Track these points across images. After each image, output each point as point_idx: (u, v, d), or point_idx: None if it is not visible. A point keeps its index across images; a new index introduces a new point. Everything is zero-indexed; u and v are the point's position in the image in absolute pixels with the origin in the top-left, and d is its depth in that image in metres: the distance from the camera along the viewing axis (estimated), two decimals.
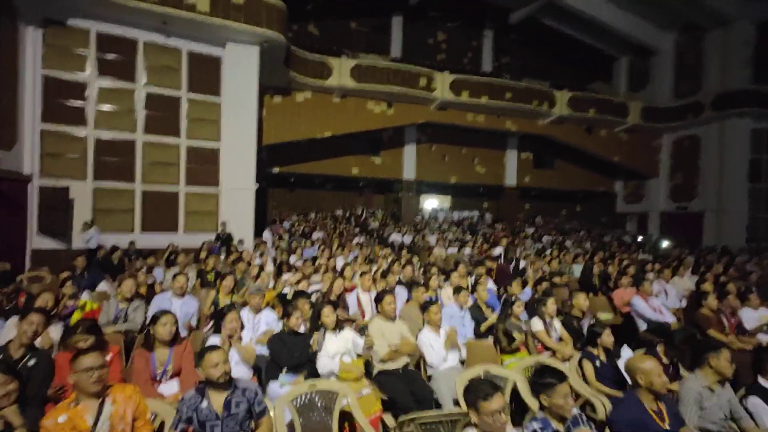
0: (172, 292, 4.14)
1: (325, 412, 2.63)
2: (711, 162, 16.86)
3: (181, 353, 2.81)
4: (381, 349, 3.28)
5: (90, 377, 1.98)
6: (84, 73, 9.79)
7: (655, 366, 2.17)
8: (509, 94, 15.95)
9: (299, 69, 13.36)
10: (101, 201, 10.02)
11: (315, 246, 10.15)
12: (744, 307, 4.74)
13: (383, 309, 3.44)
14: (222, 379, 2.15)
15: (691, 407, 2.40)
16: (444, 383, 3.11)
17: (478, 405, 1.76)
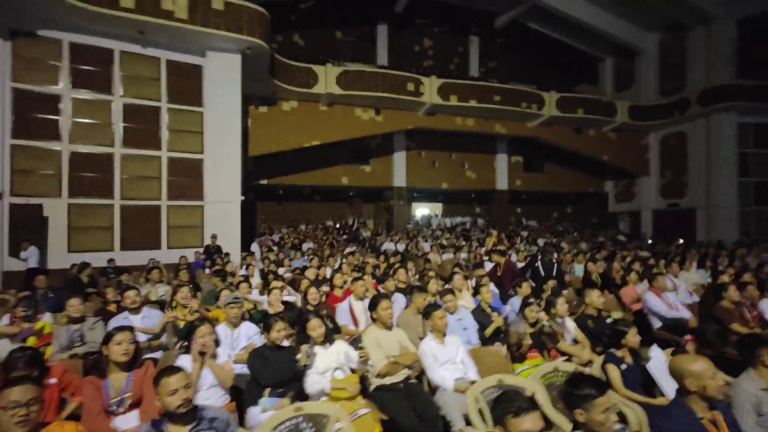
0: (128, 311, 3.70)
1: None
2: (699, 158, 16.90)
3: (142, 378, 2.37)
4: (378, 361, 2.88)
5: (13, 415, 1.57)
6: (57, 85, 9.37)
7: (708, 367, 1.81)
8: (497, 97, 15.83)
9: (284, 78, 13.07)
10: (77, 218, 9.52)
11: (304, 257, 9.72)
12: (763, 298, 4.46)
13: (379, 316, 3.04)
14: (182, 408, 1.74)
15: (747, 412, 2.05)
16: (452, 398, 2.71)
17: (505, 421, 1.39)
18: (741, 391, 2.11)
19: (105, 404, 2.22)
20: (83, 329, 3.35)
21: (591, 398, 1.62)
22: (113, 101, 9.91)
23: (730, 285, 4.10)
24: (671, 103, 17.51)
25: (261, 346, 2.77)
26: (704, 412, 1.80)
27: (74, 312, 3.38)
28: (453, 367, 2.97)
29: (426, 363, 2.96)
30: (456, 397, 2.73)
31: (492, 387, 2.55)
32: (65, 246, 9.36)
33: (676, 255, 8.34)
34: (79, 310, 3.43)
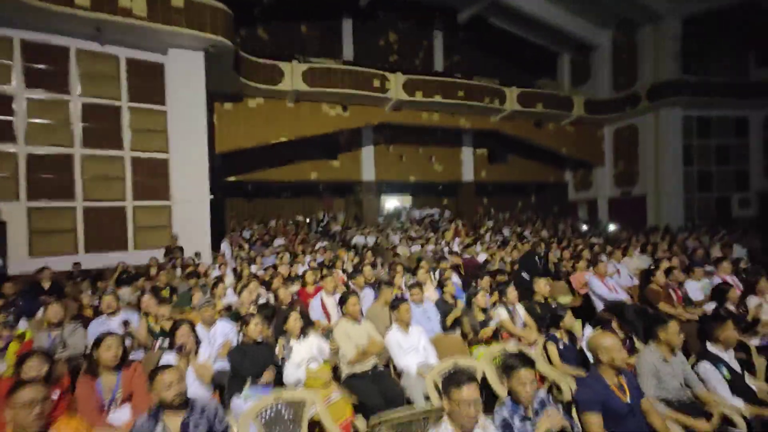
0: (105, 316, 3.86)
1: (293, 424, 2.53)
2: (648, 149, 18.01)
3: (131, 377, 2.59)
4: (348, 351, 3.20)
5: (30, 413, 1.78)
6: (9, 84, 9.01)
7: (615, 342, 2.24)
8: (461, 92, 16.29)
9: (250, 75, 12.99)
10: (38, 222, 9.24)
11: (274, 255, 9.87)
12: (688, 279, 5.08)
13: (348, 310, 3.36)
14: (177, 400, 2.00)
15: (648, 379, 2.51)
16: (415, 380, 3.07)
17: (450, 392, 1.74)
18: (644, 361, 2.57)
19: (99, 401, 2.43)
20: (64, 334, 3.47)
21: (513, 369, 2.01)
22: (71, 101, 9.61)
23: (657, 270, 4.67)
24: (623, 98, 18.54)
25: (240, 343, 3.02)
26: (612, 379, 2.23)
27: (54, 317, 3.50)
28: (416, 354, 3.33)
29: (392, 351, 3.31)
30: (418, 380, 3.09)
31: (447, 369, 2.92)
32: (26, 250, 9.10)
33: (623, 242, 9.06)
34: (59, 315, 3.54)
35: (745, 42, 17.38)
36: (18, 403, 1.79)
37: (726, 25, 16.75)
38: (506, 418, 2.01)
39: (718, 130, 18.06)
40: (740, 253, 7.74)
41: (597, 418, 2.10)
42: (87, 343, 3.65)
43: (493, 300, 4.12)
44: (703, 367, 2.64)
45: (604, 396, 2.15)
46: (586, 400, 2.15)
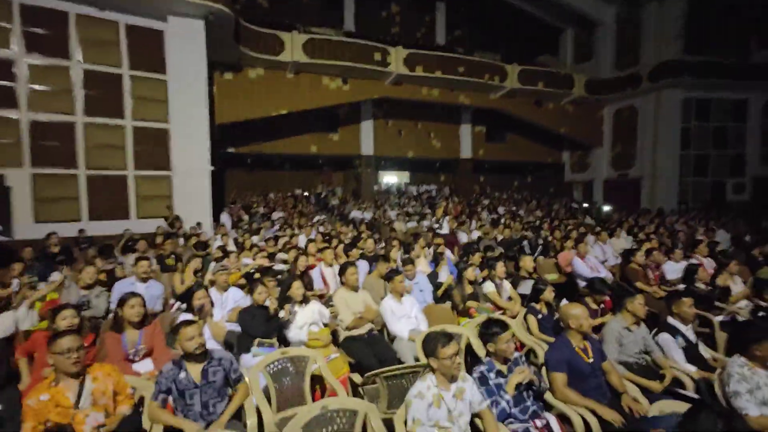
0: (135, 277, 4.13)
1: (297, 377, 2.84)
2: (647, 131, 18.05)
3: (152, 333, 2.89)
4: (346, 317, 3.50)
5: (68, 358, 2.06)
6: (9, 49, 8.98)
7: (583, 311, 2.54)
8: (462, 68, 16.20)
9: (250, 44, 12.87)
10: (42, 189, 9.42)
11: (276, 226, 10.14)
12: (668, 261, 5.39)
13: (347, 280, 3.65)
14: (198, 350, 2.29)
15: (612, 344, 2.83)
16: (406, 344, 3.39)
17: (437, 352, 2.04)
18: (609, 328, 2.89)
19: (124, 354, 2.73)
20: (91, 296, 3.76)
21: (497, 334, 2.30)
22: (71, 67, 9.60)
23: (637, 250, 4.97)
24: (625, 78, 18.43)
25: (249, 306, 3.32)
26: (578, 343, 2.54)
27: (89, 279, 3.78)
28: (408, 321, 3.64)
29: (386, 318, 3.62)
30: (409, 344, 3.42)
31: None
32: (31, 217, 9.31)
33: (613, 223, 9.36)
34: (93, 278, 3.83)
35: (748, 24, 17.16)
36: (58, 350, 2.08)
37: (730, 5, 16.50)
38: (483, 372, 2.32)
39: (718, 113, 18.01)
40: (723, 238, 8.07)
41: (561, 377, 2.42)
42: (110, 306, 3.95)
43: (483, 275, 4.42)
44: (662, 337, 2.97)
45: (569, 357, 2.46)
46: (553, 360, 2.47)
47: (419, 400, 2.02)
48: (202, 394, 2.29)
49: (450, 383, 2.10)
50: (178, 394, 2.27)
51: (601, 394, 2.42)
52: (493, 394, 2.24)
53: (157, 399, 2.24)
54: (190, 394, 2.27)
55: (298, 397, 2.74)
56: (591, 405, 2.31)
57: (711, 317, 3.86)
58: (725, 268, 4.55)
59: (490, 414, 2.12)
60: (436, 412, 2.01)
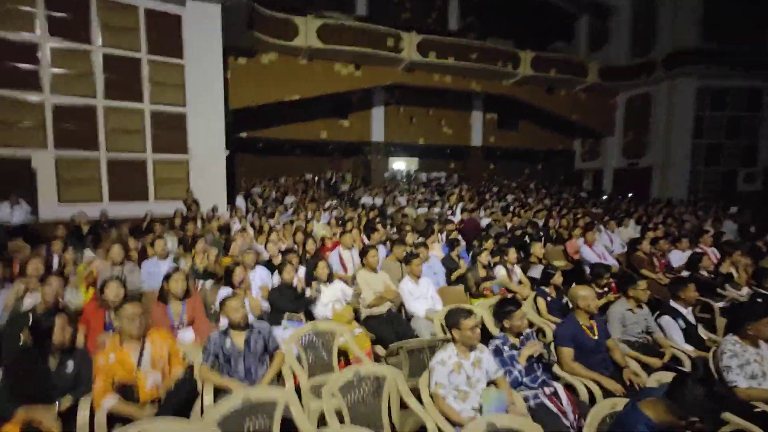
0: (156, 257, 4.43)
1: (324, 350, 3.12)
2: (660, 120, 17.92)
3: (193, 305, 3.18)
4: (367, 296, 3.76)
5: (132, 323, 2.34)
6: (33, 33, 9.19)
7: (590, 292, 2.76)
8: (475, 55, 16.14)
9: (263, 29, 12.95)
10: (65, 171, 9.74)
11: (289, 211, 10.41)
12: (674, 249, 5.57)
13: (368, 261, 3.90)
14: (242, 321, 2.57)
15: (616, 324, 3.06)
16: (423, 322, 3.65)
17: (459, 324, 2.29)
18: (614, 310, 3.12)
19: (170, 323, 3.02)
20: (124, 272, 4.05)
21: (511, 312, 2.54)
22: (92, 51, 9.81)
23: (643, 239, 5.15)
24: (639, 65, 18.23)
25: (279, 284, 3.59)
26: (585, 321, 2.77)
27: (118, 257, 4.07)
28: (424, 301, 3.89)
29: (404, 297, 3.87)
30: (426, 322, 3.67)
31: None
32: (55, 198, 9.66)
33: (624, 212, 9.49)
34: (121, 255, 4.12)
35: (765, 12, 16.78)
36: (125, 316, 2.36)
37: None
38: (498, 345, 2.57)
39: (732, 102, 17.79)
40: (731, 229, 8.20)
41: (569, 351, 2.66)
42: (141, 281, 4.25)
43: (495, 260, 4.64)
44: (664, 319, 3.19)
45: (576, 334, 2.70)
46: (562, 336, 2.71)
47: (441, 367, 2.27)
48: (245, 360, 2.57)
49: (469, 353, 2.35)
50: (224, 359, 2.55)
51: (605, 368, 2.66)
52: (506, 365, 2.49)
53: (208, 362, 2.53)
54: (235, 360, 2.55)
55: (327, 367, 3.02)
56: (595, 377, 2.55)
57: (712, 303, 4.06)
58: (729, 257, 4.72)
59: (504, 381, 2.38)
60: (456, 378, 2.26)
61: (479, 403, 2.25)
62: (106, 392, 2.23)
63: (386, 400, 2.33)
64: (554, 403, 2.31)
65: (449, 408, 2.19)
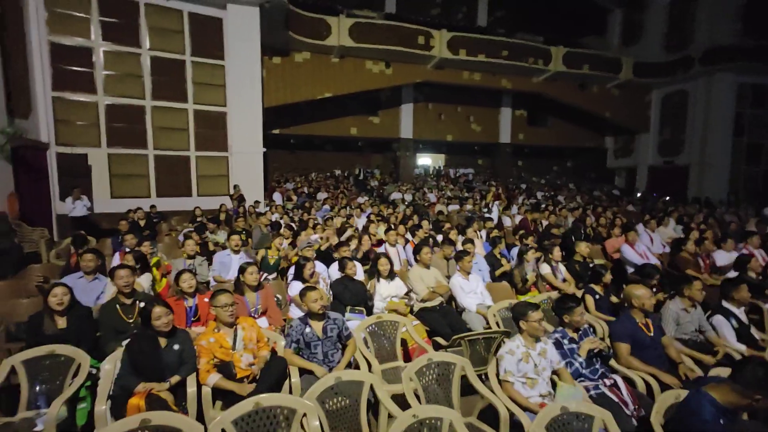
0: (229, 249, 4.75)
1: (387, 338, 3.35)
2: (697, 116, 17.39)
3: (266, 296, 3.47)
4: (421, 290, 3.97)
5: (226, 311, 2.63)
6: (88, 37, 9.77)
7: (645, 291, 2.89)
8: (506, 51, 16.05)
9: (297, 29, 13.27)
10: (117, 167, 10.35)
11: (325, 206, 10.72)
12: (719, 250, 5.55)
13: (421, 258, 4.11)
14: (321, 311, 2.82)
15: (670, 323, 3.17)
16: (474, 316, 3.84)
17: (527, 316, 2.48)
18: (669, 309, 3.23)
19: (247, 312, 3.31)
20: (195, 264, 4.40)
21: (572, 308, 2.70)
22: (142, 54, 10.34)
23: (689, 239, 5.17)
24: (675, 61, 17.72)
25: (341, 277, 3.84)
26: (641, 319, 2.90)
27: (191, 250, 4.42)
28: (474, 296, 4.07)
29: (455, 292, 4.06)
30: (477, 316, 3.86)
31: (504, 308, 3.67)
32: (108, 192, 10.28)
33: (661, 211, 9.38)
34: (194, 249, 4.47)
35: None
36: (218, 304, 2.64)
37: None
38: (558, 339, 2.74)
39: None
40: None
41: (625, 346, 2.81)
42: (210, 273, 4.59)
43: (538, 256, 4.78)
44: (716, 318, 3.27)
45: (633, 331, 2.83)
46: (618, 333, 2.86)
47: (510, 356, 2.47)
48: (323, 346, 2.82)
49: (535, 343, 2.53)
50: (305, 344, 2.82)
51: (661, 363, 2.78)
52: (566, 357, 2.66)
53: (290, 347, 2.80)
54: (314, 345, 2.81)
55: (390, 354, 3.25)
56: (652, 370, 2.69)
57: (761, 304, 4.09)
58: None
59: (566, 372, 2.55)
60: (524, 366, 2.45)
61: (547, 390, 2.43)
62: (210, 370, 2.52)
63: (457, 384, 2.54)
64: (615, 393, 2.46)
65: (518, 394, 2.38)
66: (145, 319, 2.57)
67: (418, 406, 2.13)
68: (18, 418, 2.45)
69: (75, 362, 2.59)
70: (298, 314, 3.67)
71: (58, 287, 2.75)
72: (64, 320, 2.75)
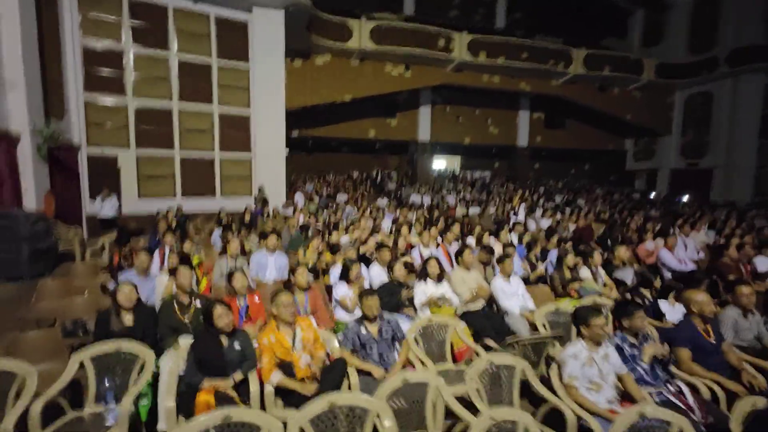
0: (266, 250, 4.81)
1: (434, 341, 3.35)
2: (722, 118, 17.09)
3: (315, 296, 3.50)
4: (463, 293, 3.97)
5: (287, 310, 2.66)
6: (119, 41, 9.98)
7: (706, 297, 2.85)
8: (526, 54, 15.95)
9: (319, 31, 13.38)
10: (145, 168, 10.53)
11: (349, 208, 10.78)
12: (759, 255, 5.44)
13: (463, 260, 4.10)
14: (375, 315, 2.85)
15: (728, 330, 3.12)
16: (519, 319, 3.81)
17: (589, 321, 2.46)
18: (726, 315, 3.17)
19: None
20: (237, 264, 4.45)
21: (633, 312, 2.68)
22: (169, 57, 10.53)
23: (731, 245, 5.07)
24: (700, 62, 17.44)
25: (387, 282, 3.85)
26: (700, 325, 2.86)
27: (236, 250, 4.49)
28: (516, 299, 4.05)
29: (497, 295, 4.05)
30: (521, 319, 3.84)
31: (551, 312, 3.65)
32: (135, 193, 10.46)
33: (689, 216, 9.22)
34: (238, 249, 4.54)
35: None
36: (281, 304, 2.68)
37: None
38: (618, 343, 2.71)
39: None
40: None
41: (687, 352, 2.76)
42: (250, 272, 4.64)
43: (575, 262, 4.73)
44: None
45: (693, 336, 2.79)
46: (679, 338, 2.81)
47: (574, 360, 2.45)
48: (378, 347, 2.84)
49: (597, 347, 2.51)
50: (360, 345, 2.84)
51: (723, 369, 2.74)
52: (628, 362, 2.63)
53: (347, 347, 2.82)
54: (370, 346, 2.83)
55: (439, 356, 3.25)
56: (715, 377, 2.65)
57: None
58: None
59: (629, 377, 2.51)
60: (589, 371, 2.43)
61: (613, 396, 2.41)
62: (272, 368, 2.55)
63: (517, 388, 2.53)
64: (681, 400, 2.43)
65: (584, 398, 2.36)
66: (207, 318, 2.62)
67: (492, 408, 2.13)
68: (86, 413, 2.51)
69: (140, 359, 2.64)
70: (341, 315, 3.70)
71: (127, 285, 2.82)
72: (131, 318, 2.81)
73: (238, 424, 1.88)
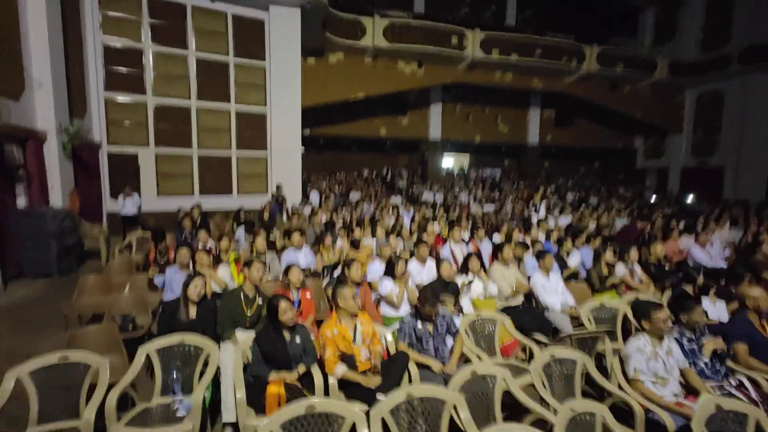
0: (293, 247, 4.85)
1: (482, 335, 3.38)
2: (734, 117, 17.00)
3: (364, 291, 3.53)
4: (504, 288, 3.99)
5: (350, 302, 2.70)
6: (139, 40, 10.04)
7: (761, 292, 2.86)
8: (539, 51, 15.89)
9: (334, 29, 13.37)
10: (163, 166, 10.59)
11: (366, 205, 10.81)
12: None
13: (503, 256, 4.13)
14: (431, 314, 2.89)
15: None
16: (561, 316, 3.84)
17: (651, 315, 2.48)
18: None
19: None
20: (267, 260, 4.49)
21: (692, 308, 2.70)
22: (188, 55, 10.58)
23: (765, 243, 5.08)
24: (712, 60, 17.35)
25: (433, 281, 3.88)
26: (756, 320, 2.87)
27: (262, 247, 4.54)
28: (555, 295, 4.07)
29: (537, 290, 4.07)
30: (563, 315, 3.86)
31: (596, 308, 3.67)
32: (154, 191, 10.53)
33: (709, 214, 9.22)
34: (265, 246, 4.58)
35: None
36: (344, 296, 2.72)
37: None
38: (677, 338, 2.73)
39: None
40: None
41: (744, 347, 2.78)
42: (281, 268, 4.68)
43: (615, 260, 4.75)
44: None
45: (750, 331, 2.81)
46: (736, 333, 2.84)
47: (639, 354, 2.47)
48: (434, 341, 2.87)
49: (660, 342, 2.53)
50: (416, 339, 2.87)
51: None
52: (688, 357, 2.65)
53: (405, 342, 2.85)
54: (426, 340, 2.86)
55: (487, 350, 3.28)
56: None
57: None
58: None
59: (691, 371, 2.54)
60: (654, 364, 2.46)
61: (679, 389, 2.44)
62: (336, 361, 2.59)
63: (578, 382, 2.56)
64: (744, 394, 2.45)
65: (651, 392, 2.39)
66: (271, 312, 2.65)
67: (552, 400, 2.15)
68: (155, 404, 2.55)
69: (204, 351, 2.68)
70: (386, 311, 3.73)
71: (198, 277, 2.86)
72: (195, 310, 2.85)
73: (322, 414, 1.92)
